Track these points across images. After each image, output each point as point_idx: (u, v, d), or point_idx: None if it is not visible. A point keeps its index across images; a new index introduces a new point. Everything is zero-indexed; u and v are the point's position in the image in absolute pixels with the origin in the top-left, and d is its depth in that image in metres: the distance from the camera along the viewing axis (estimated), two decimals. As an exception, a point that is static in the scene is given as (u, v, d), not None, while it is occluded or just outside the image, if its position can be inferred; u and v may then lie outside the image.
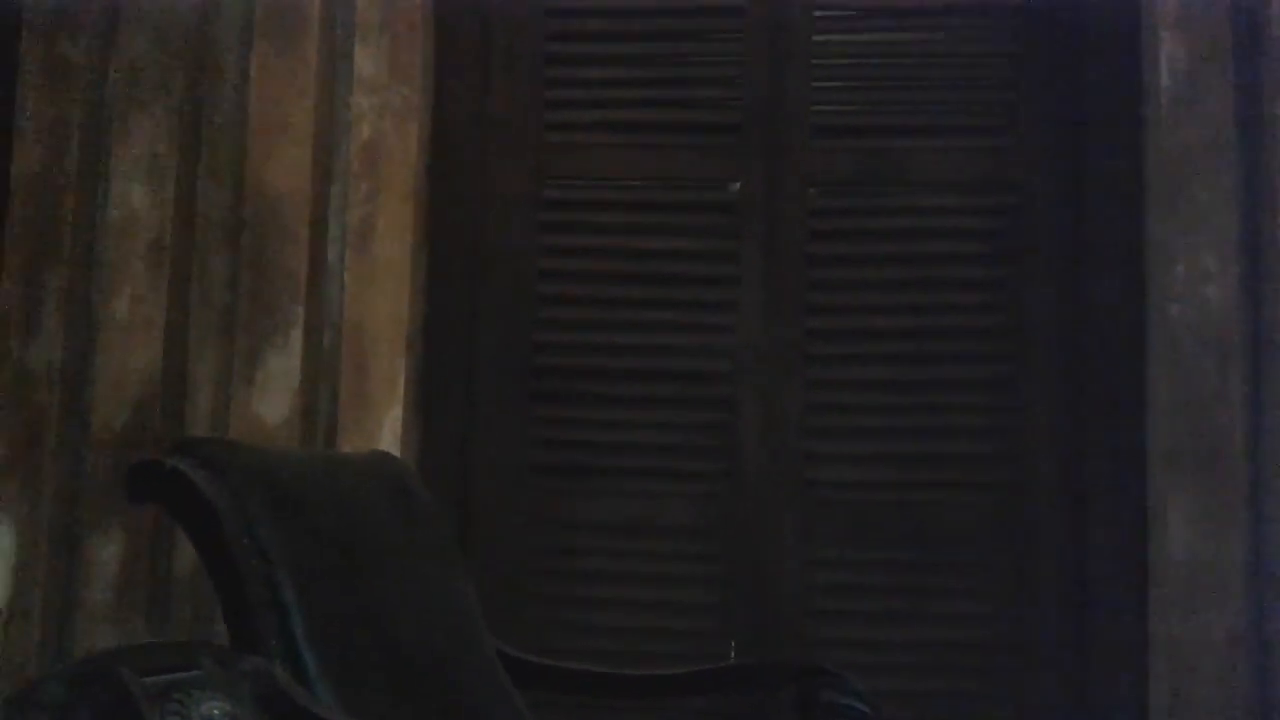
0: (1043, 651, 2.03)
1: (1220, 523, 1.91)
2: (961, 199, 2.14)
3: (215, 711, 0.90)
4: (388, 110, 2.10)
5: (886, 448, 2.09)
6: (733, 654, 2.05)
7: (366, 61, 2.10)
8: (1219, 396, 1.94)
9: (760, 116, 2.16)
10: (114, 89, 2.12)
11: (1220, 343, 1.94)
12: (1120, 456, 2.03)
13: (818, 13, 2.17)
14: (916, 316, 2.11)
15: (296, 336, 2.05)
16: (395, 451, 2.01)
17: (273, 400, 2.04)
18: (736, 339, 2.13)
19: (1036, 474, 2.07)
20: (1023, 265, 2.10)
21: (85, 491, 2.03)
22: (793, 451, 2.10)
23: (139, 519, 2.00)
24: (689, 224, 2.18)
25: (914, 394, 2.09)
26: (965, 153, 2.14)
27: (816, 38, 2.17)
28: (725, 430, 2.12)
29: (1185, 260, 1.97)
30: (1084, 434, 2.06)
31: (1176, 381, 1.96)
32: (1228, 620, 1.88)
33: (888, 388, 2.10)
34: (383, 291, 2.08)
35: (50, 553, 2.01)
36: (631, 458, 2.13)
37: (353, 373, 2.06)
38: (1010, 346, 2.09)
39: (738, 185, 2.16)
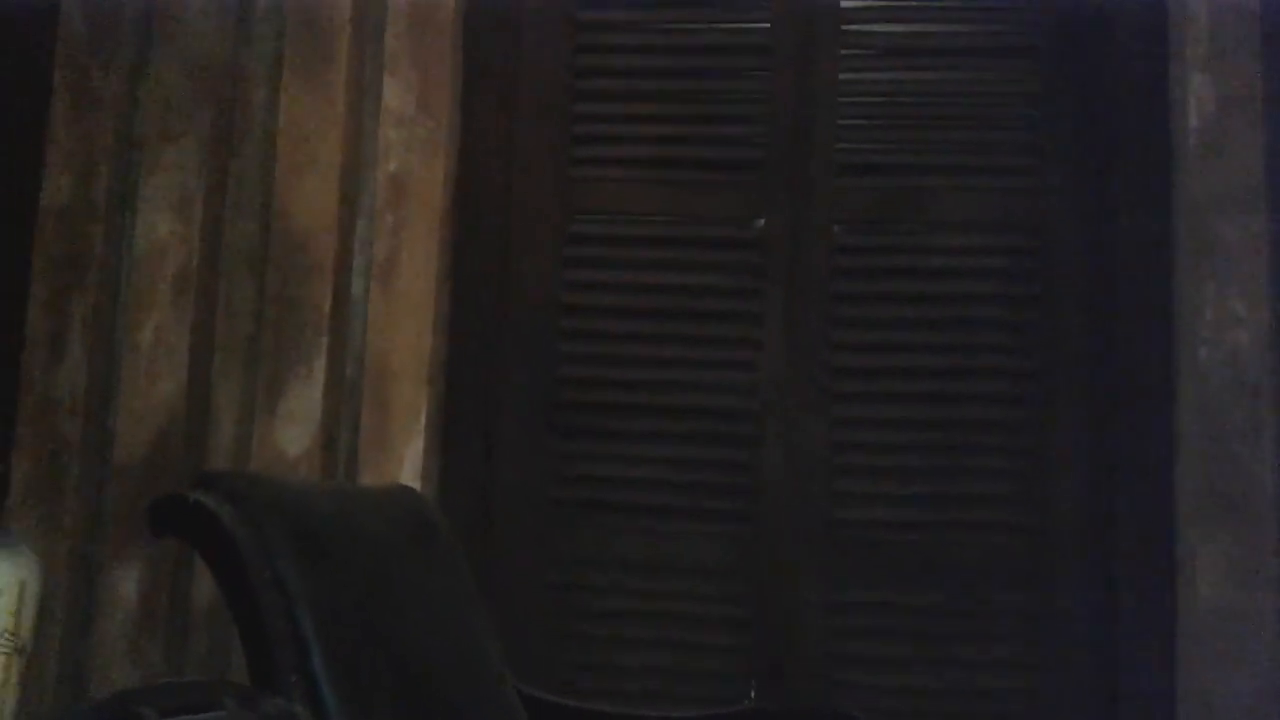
0: (1069, 700, 1.99)
1: (1250, 571, 1.87)
2: (987, 239, 2.13)
3: (237, 752, 0.89)
4: (415, 143, 2.11)
5: (911, 488, 2.07)
6: (753, 696, 2.02)
7: (394, 95, 2.11)
8: (1248, 442, 1.91)
9: (785, 154, 2.16)
10: (144, 120, 2.14)
11: (1250, 388, 1.92)
12: (1148, 501, 2.00)
13: (843, 51, 2.17)
14: (942, 355, 2.09)
15: (319, 368, 2.05)
16: (415, 485, 2.00)
17: (294, 432, 2.03)
18: (760, 375, 2.12)
19: (1063, 518, 2.04)
20: (1049, 306, 2.09)
21: (106, 521, 2.03)
22: (816, 490, 2.08)
23: (159, 550, 1.99)
24: (713, 260, 2.17)
25: (939, 433, 2.07)
26: (991, 193, 2.13)
27: (842, 76, 2.17)
28: (748, 468, 2.10)
29: (1214, 304, 1.95)
30: (1112, 478, 2.04)
31: (1205, 426, 1.94)
32: (1258, 672, 1.85)
33: (913, 427, 2.08)
34: (406, 324, 2.08)
35: (69, 583, 2.00)
36: (653, 494, 2.12)
37: (374, 405, 2.06)
38: (1037, 388, 2.07)
39: (762, 222, 2.16)
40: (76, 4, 2.15)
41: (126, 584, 2.00)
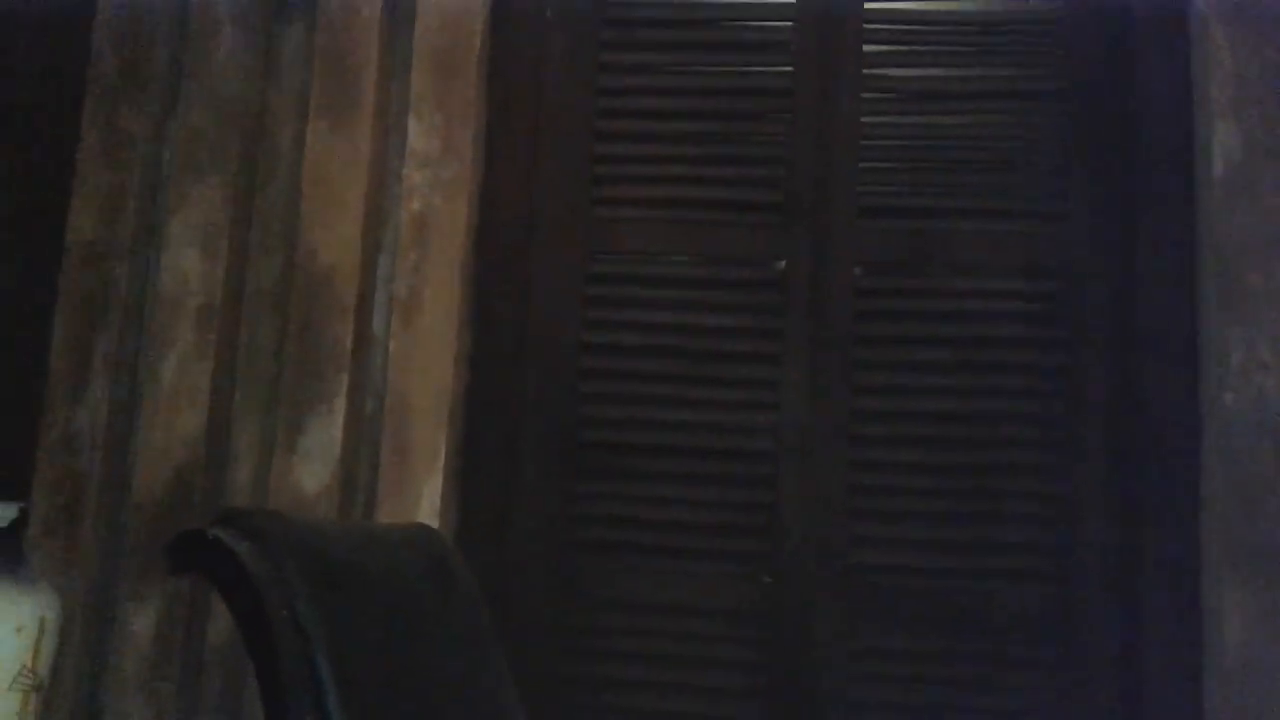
0: (1095, 751, 1.96)
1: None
2: (1010, 283, 2.12)
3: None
4: (438, 184, 2.12)
5: (932, 533, 2.05)
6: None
7: (419, 136, 2.13)
8: (1276, 490, 1.89)
9: (807, 195, 2.16)
10: (171, 159, 2.16)
11: (1276, 434, 1.90)
12: (1174, 549, 1.97)
13: (865, 95, 2.18)
14: (964, 400, 2.08)
15: (339, 406, 2.05)
16: (434, 523, 2.00)
17: (313, 469, 2.03)
18: (780, 417, 2.11)
19: (1087, 565, 2.02)
20: (1073, 351, 2.07)
21: (124, 558, 2.03)
22: (835, 534, 2.06)
23: (175, 587, 1.99)
24: (734, 301, 2.17)
25: (961, 479, 2.05)
26: (1014, 237, 2.13)
27: (864, 119, 2.17)
28: (767, 510, 2.09)
29: (1239, 350, 1.93)
30: (1136, 524, 2.01)
31: (1231, 473, 1.91)
32: (1290, 725, 1.81)
33: (934, 472, 2.06)
34: (427, 363, 2.08)
35: (85, 618, 2.00)
36: (671, 536, 2.10)
37: (394, 443, 2.06)
38: (1060, 434, 2.05)
39: (783, 263, 2.16)
40: (108, 43, 2.18)
41: (143, 620, 2.00)
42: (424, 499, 2.04)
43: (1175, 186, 2.06)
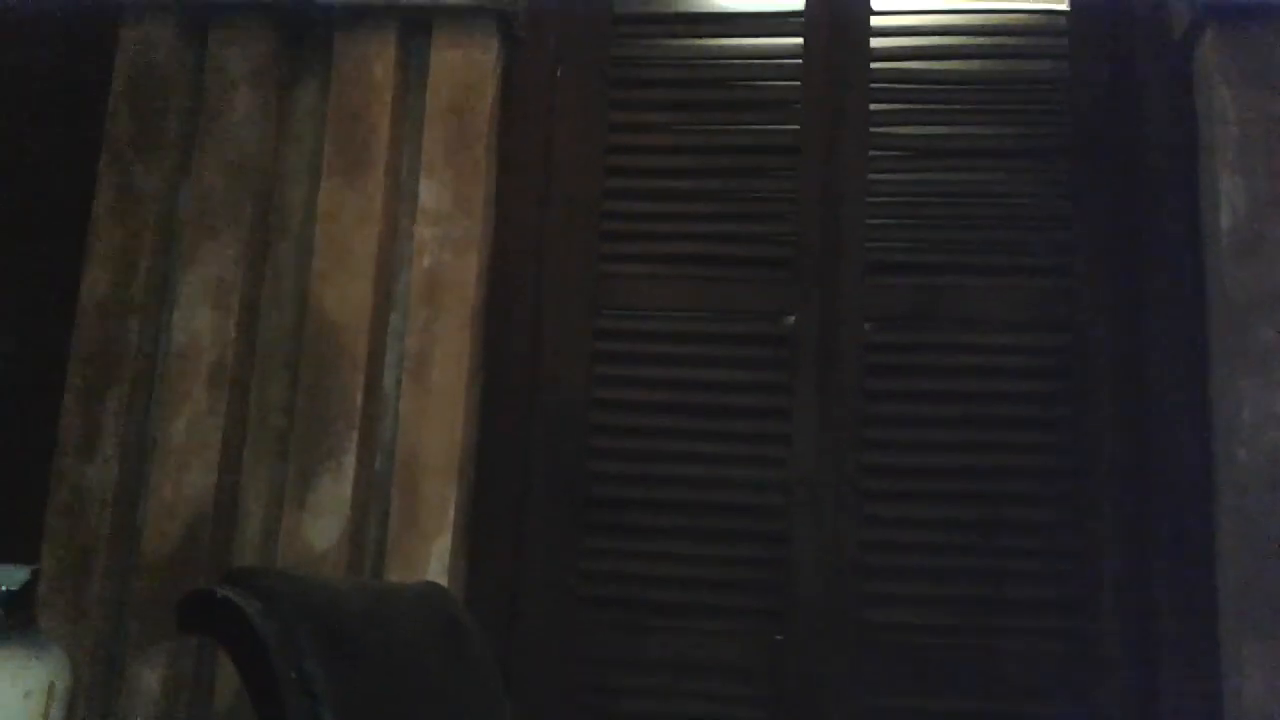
0: (1114, 813, 1.92)
1: (1298, 677, 1.82)
2: (1020, 337, 2.12)
3: None
4: (448, 241, 2.14)
5: (946, 590, 2.03)
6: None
7: (430, 194, 2.15)
8: (1290, 544, 1.87)
9: (815, 251, 2.17)
10: (184, 216, 2.18)
11: (1290, 488, 1.88)
12: (1190, 604, 1.95)
13: (872, 152, 2.20)
14: (976, 455, 2.07)
15: (349, 462, 2.05)
16: (443, 579, 1.98)
17: (323, 526, 2.03)
18: (790, 473, 2.10)
19: (1101, 622, 1.99)
20: (1084, 405, 2.07)
21: (132, 615, 2.02)
22: (848, 591, 2.04)
23: (183, 645, 1.98)
24: (743, 356, 2.17)
25: (973, 534, 2.04)
26: (1022, 291, 2.13)
27: (871, 176, 2.19)
28: (778, 566, 2.07)
29: (1251, 405, 1.92)
30: (1151, 579, 1.99)
31: (1245, 527, 1.89)
32: (1310, 784, 1.78)
33: (946, 527, 2.05)
34: (436, 419, 2.08)
35: (93, 675, 1.99)
36: (682, 593, 2.08)
37: (403, 500, 2.05)
38: (1073, 488, 2.04)
39: (792, 319, 2.16)
40: (124, 102, 2.22)
41: (150, 678, 1.98)
42: (433, 555, 2.03)
43: (1182, 240, 2.07)
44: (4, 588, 1.54)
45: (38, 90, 2.38)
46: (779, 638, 2.05)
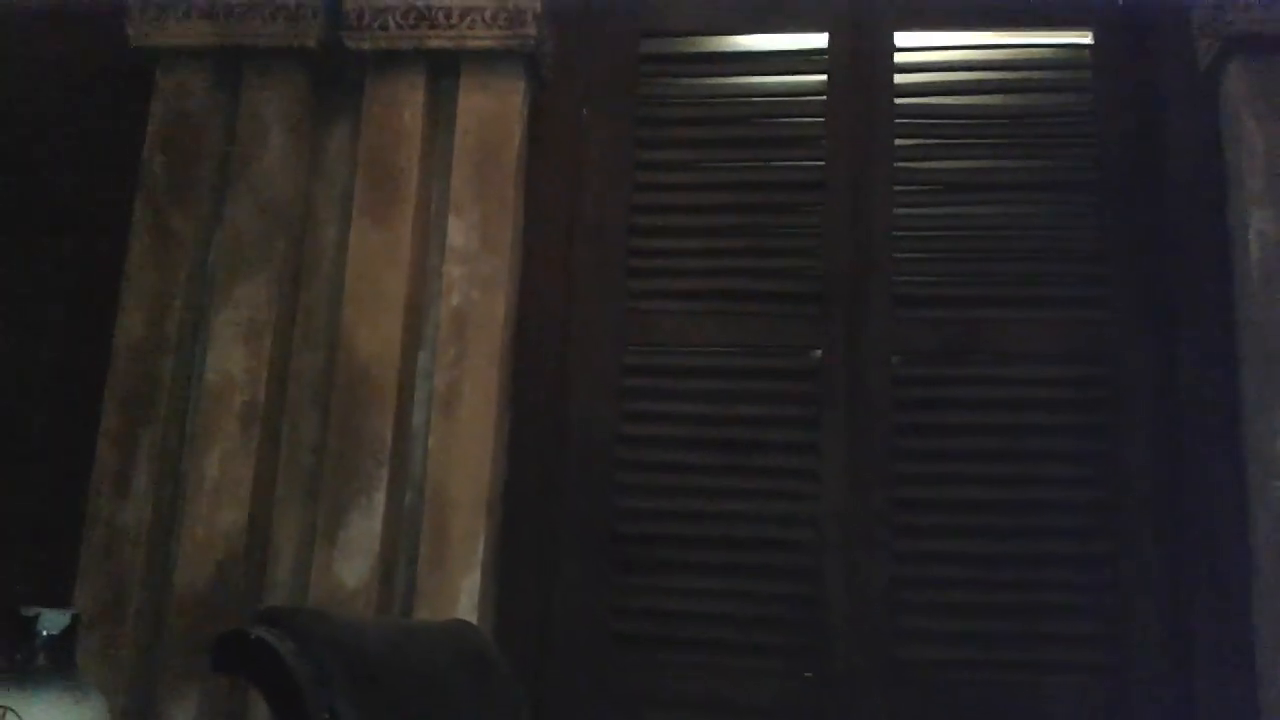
0: None
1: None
2: (1050, 370, 2.11)
3: None
4: (477, 279, 2.15)
5: (979, 625, 2.01)
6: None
7: (459, 233, 2.17)
8: (1328, 578, 1.84)
9: (842, 286, 2.17)
10: (217, 257, 2.21)
11: (1325, 518, 1.86)
12: (1228, 634, 1.93)
13: (897, 187, 2.21)
14: (1008, 489, 2.05)
15: (379, 499, 2.06)
16: (472, 617, 1.98)
17: (353, 563, 2.04)
18: (820, 507, 2.09)
19: (1138, 656, 1.97)
20: (1116, 438, 2.05)
21: (164, 653, 2.03)
22: (879, 627, 2.03)
23: (216, 683, 1.98)
24: (770, 391, 2.17)
25: (1007, 569, 2.02)
26: (1051, 324, 2.12)
27: (897, 210, 2.20)
28: (809, 603, 2.06)
29: (1285, 435, 1.91)
30: (1189, 614, 1.96)
31: (1282, 557, 1.87)
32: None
33: (979, 562, 2.03)
34: (465, 455, 2.09)
35: (126, 713, 1.99)
36: (712, 629, 2.07)
37: (432, 537, 2.06)
38: (1107, 522, 2.02)
39: (820, 353, 2.16)
40: (158, 148, 2.26)
41: (183, 716, 1.99)
42: (463, 593, 2.03)
43: (1212, 271, 2.06)
44: (45, 632, 1.56)
45: (72, 137, 2.42)
46: (810, 675, 2.03)
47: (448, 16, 2.20)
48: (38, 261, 2.37)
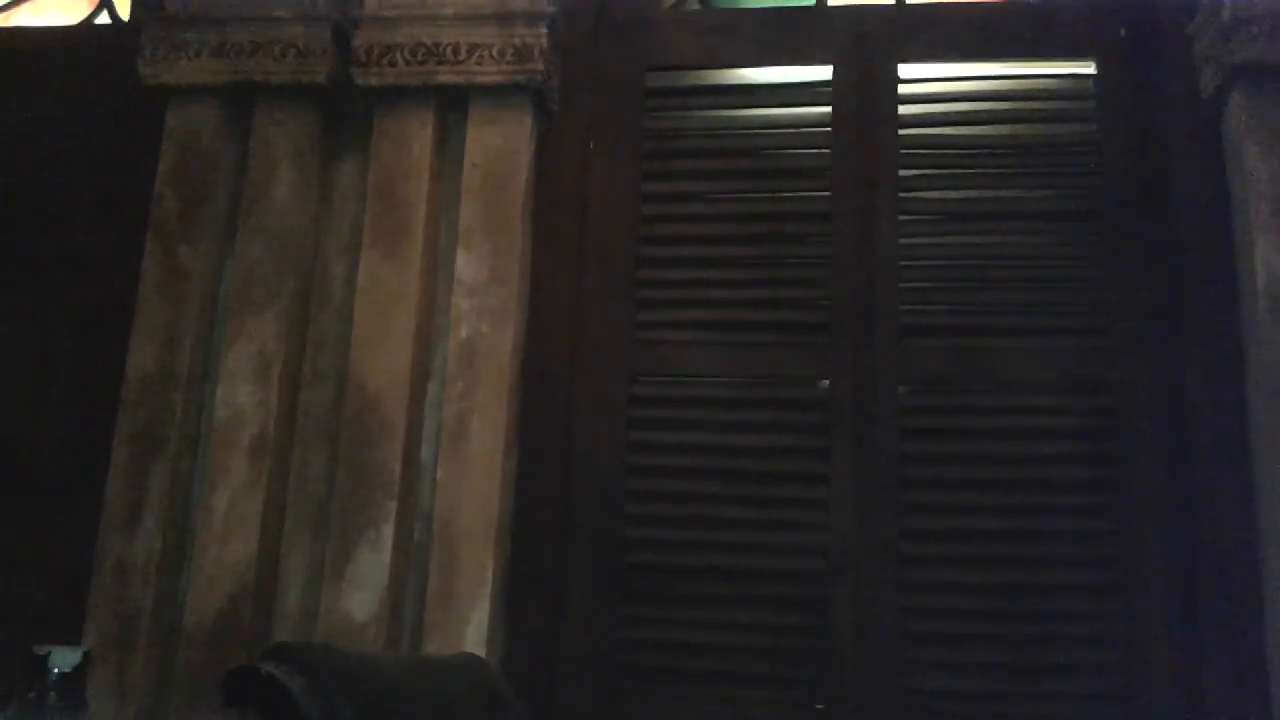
0: None
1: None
2: (1057, 398, 2.11)
3: None
4: (485, 311, 2.17)
5: (988, 656, 2.00)
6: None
7: (467, 266, 2.18)
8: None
9: (849, 316, 2.18)
10: (228, 292, 2.23)
11: (1341, 549, 1.85)
12: (1239, 667, 1.92)
13: (902, 217, 2.21)
14: (1018, 518, 2.05)
15: (388, 533, 2.06)
16: (481, 650, 1.98)
17: (362, 597, 2.04)
18: (828, 538, 2.08)
19: (1150, 686, 1.95)
20: (1125, 466, 2.05)
21: (174, 688, 2.03)
22: (890, 658, 2.02)
23: (224, 717, 1.97)
24: (778, 421, 2.17)
25: (1017, 599, 2.01)
26: (1058, 353, 2.13)
27: (903, 240, 2.20)
28: (818, 633, 2.05)
29: (1295, 461, 1.90)
30: (1200, 642, 1.95)
31: (1296, 589, 1.86)
32: None
33: (988, 592, 2.03)
34: (474, 487, 2.09)
35: (134, 751, 1.99)
36: (721, 661, 2.06)
37: (441, 569, 2.06)
38: (1118, 550, 2.02)
39: (827, 383, 2.17)
40: (170, 185, 2.28)
41: (190, 754, 1.99)
42: (471, 625, 2.03)
43: (1218, 298, 2.06)
44: (57, 670, 1.56)
45: (83, 174, 2.45)
46: (820, 707, 2.02)
47: (456, 52, 2.22)
48: (49, 296, 2.39)
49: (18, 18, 2.66)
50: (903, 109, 2.26)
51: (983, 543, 2.05)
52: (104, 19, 2.62)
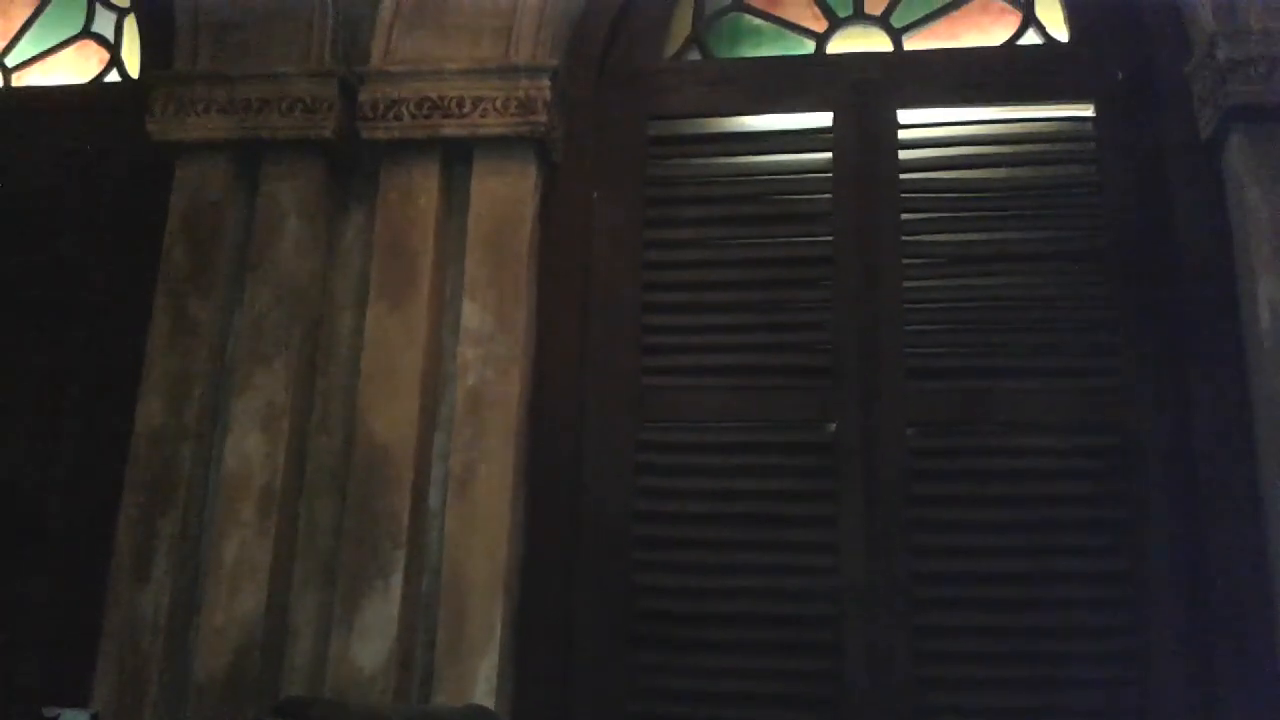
0: None
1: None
2: (1066, 439, 2.10)
3: None
4: (491, 359, 2.18)
5: (1003, 701, 1.98)
6: None
7: (473, 315, 2.20)
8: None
9: (854, 359, 2.19)
10: (236, 343, 2.25)
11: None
12: (1254, 705, 1.89)
13: (905, 261, 2.23)
14: (1029, 559, 2.04)
15: (396, 582, 2.06)
16: (490, 700, 1.97)
17: (371, 648, 2.03)
18: (839, 581, 2.07)
19: (1166, 729, 1.93)
20: (1136, 507, 2.04)
21: (183, 742, 2.02)
22: (902, 705, 2.00)
23: (232, 773, 1.97)
24: (786, 465, 2.17)
25: (1030, 642, 2.00)
26: (1064, 394, 2.13)
27: (906, 284, 2.21)
28: (831, 679, 2.03)
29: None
30: (1214, 685, 1.93)
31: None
32: None
33: (1001, 635, 2.01)
34: (482, 535, 2.09)
35: (142, 807, 1.98)
36: (733, 708, 2.05)
37: (450, 619, 2.05)
38: (1129, 591, 2.00)
39: (834, 426, 2.17)
40: (179, 236, 2.30)
41: (200, 808, 1.97)
42: (480, 675, 2.02)
43: (1223, 338, 2.06)
44: (67, 734, 1.56)
45: (96, 226, 2.48)
46: (834, 754, 2.01)
47: (460, 105, 2.25)
48: (58, 348, 2.41)
49: (29, 78, 2.70)
50: (903, 154, 2.28)
51: (994, 585, 2.04)
52: (114, 77, 2.66)
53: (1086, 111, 2.27)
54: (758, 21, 2.49)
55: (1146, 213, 2.18)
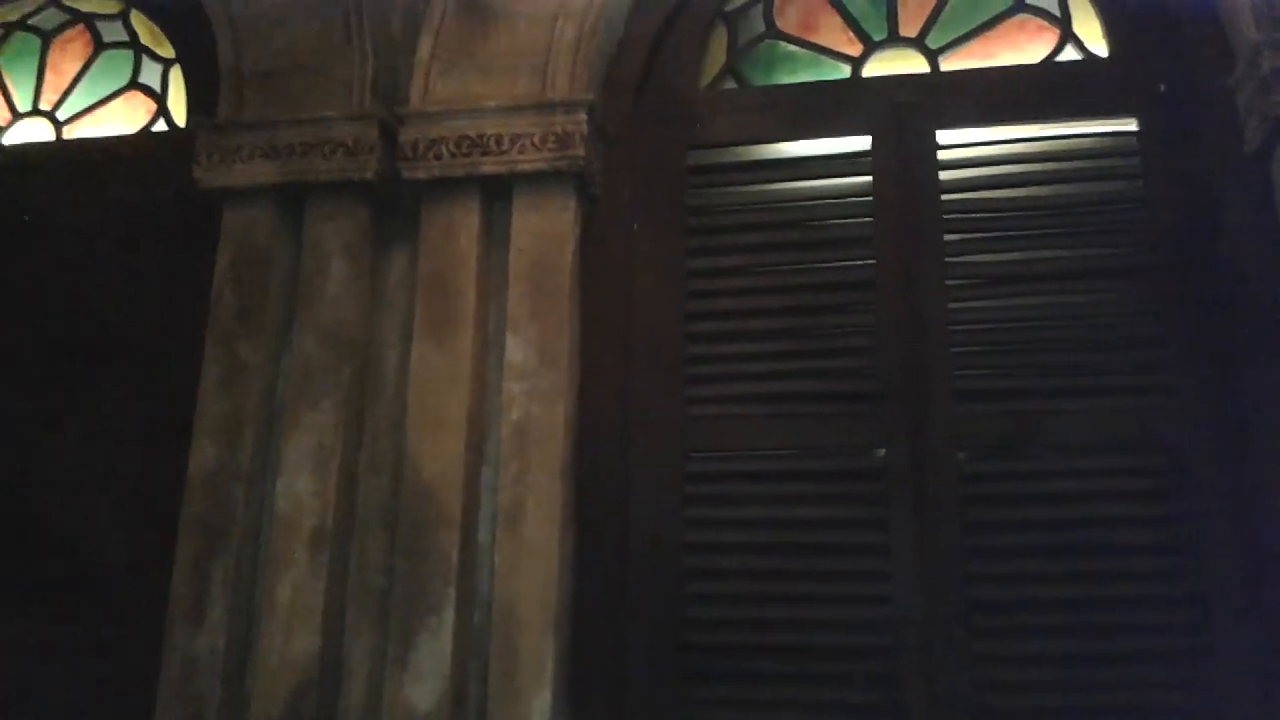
0: None
1: None
2: (1119, 460, 2.07)
3: None
4: (536, 394, 2.18)
5: (1067, 729, 1.94)
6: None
7: (517, 350, 2.21)
8: None
9: (901, 383, 2.16)
10: (286, 385, 2.27)
11: None
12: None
13: (949, 282, 2.20)
14: (1084, 585, 2.00)
15: (448, 619, 2.07)
16: (545, 738, 1.97)
17: (424, 686, 2.03)
18: (894, 611, 2.05)
19: (1237, 754, 1.88)
20: (1193, 528, 1.99)
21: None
22: (963, 733, 1.97)
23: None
24: (835, 492, 2.15)
25: (1091, 669, 1.95)
26: (1116, 413, 2.09)
27: (951, 305, 2.19)
28: (889, 710, 2.00)
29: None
30: (1276, 709, 1.88)
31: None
32: None
33: (1064, 663, 1.97)
34: (532, 571, 2.09)
35: None
36: (789, 742, 2.03)
37: (502, 656, 2.05)
38: (1191, 616, 1.96)
39: (883, 451, 2.15)
40: (228, 284, 2.34)
41: None
42: (534, 712, 2.01)
43: (1275, 353, 2.02)
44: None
45: (144, 275, 2.52)
46: (894, 787, 1.97)
47: (499, 143, 2.27)
48: (112, 393, 2.45)
49: (80, 130, 2.76)
50: (944, 174, 2.26)
51: (1054, 611, 2.00)
52: (161, 126, 2.71)
53: (1129, 126, 2.24)
54: (792, 48, 2.49)
55: (1193, 227, 2.14)
